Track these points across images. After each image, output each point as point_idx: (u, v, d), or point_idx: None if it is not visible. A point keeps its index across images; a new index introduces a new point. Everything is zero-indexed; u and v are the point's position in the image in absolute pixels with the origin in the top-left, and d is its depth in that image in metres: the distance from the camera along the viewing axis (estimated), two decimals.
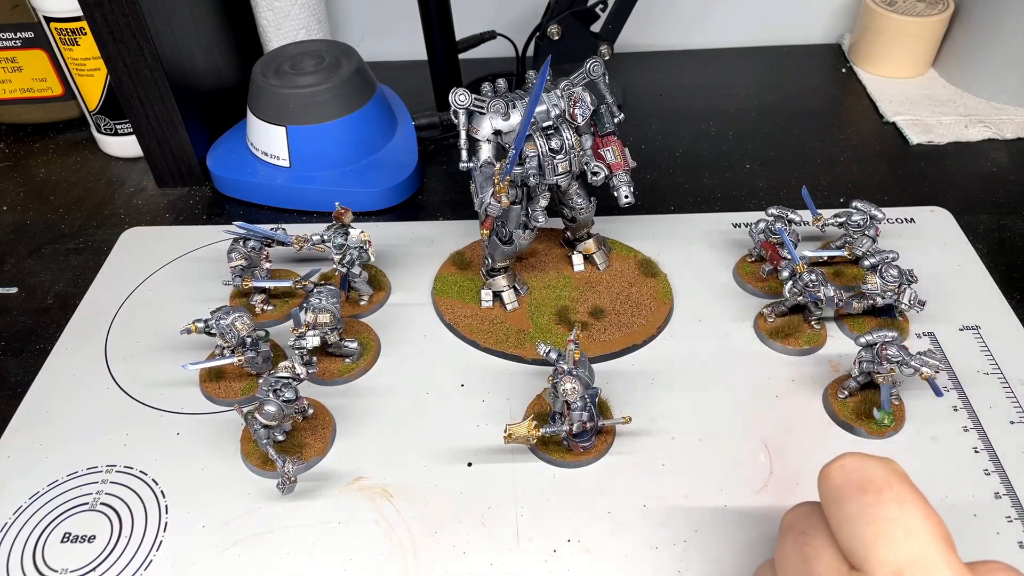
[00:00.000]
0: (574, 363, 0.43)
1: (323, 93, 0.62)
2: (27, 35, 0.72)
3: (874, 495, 0.28)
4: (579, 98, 0.47)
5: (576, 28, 0.67)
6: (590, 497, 0.43)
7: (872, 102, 0.77)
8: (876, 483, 0.29)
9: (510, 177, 0.46)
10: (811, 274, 0.48)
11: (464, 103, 0.47)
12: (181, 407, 0.49)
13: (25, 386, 0.51)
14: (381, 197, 0.64)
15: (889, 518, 0.28)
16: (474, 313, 0.53)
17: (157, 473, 0.45)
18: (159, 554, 0.41)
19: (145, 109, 0.64)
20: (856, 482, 0.29)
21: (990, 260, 0.57)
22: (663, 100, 0.79)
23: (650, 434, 0.46)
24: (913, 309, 0.48)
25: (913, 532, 0.27)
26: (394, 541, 0.41)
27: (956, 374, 0.48)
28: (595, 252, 0.56)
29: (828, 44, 0.87)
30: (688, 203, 0.65)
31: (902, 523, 0.27)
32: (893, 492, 0.28)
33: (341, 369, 0.50)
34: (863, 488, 0.28)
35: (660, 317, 0.52)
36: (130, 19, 0.59)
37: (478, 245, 0.59)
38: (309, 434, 0.46)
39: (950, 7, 0.76)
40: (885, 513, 0.28)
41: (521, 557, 0.40)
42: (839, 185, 0.66)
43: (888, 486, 0.28)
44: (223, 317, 0.47)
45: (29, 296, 0.59)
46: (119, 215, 0.67)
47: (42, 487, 0.45)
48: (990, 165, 0.68)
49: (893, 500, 0.28)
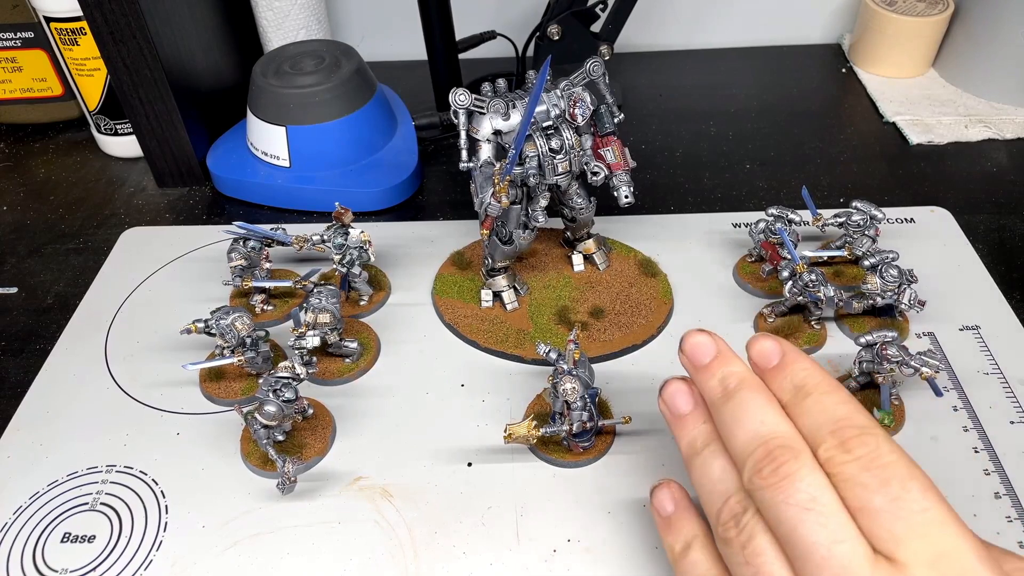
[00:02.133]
0: (574, 363, 0.43)
1: (323, 93, 0.62)
2: (27, 35, 0.72)
3: (899, 486, 0.28)
4: (579, 98, 0.47)
5: (576, 28, 0.67)
6: (590, 497, 0.43)
7: (872, 102, 0.77)
8: (900, 475, 0.28)
9: (510, 177, 0.46)
10: (811, 274, 0.48)
11: (464, 103, 0.47)
12: (181, 407, 0.49)
13: (25, 386, 0.51)
14: (381, 197, 0.64)
15: (918, 510, 0.28)
16: (474, 313, 0.53)
17: (157, 473, 0.45)
18: (159, 554, 0.41)
19: (145, 109, 0.64)
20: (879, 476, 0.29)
21: (990, 260, 0.57)
22: (663, 100, 0.79)
23: (650, 434, 0.46)
24: (913, 309, 0.48)
25: (945, 523, 0.27)
26: (394, 541, 0.41)
27: (956, 374, 0.48)
28: (595, 252, 0.56)
29: (828, 44, 0.87)
30: (688, 203, 0.65)
31: (932, 515, 0.28)
32: (917, 483, 0.28)
33: (341, 369, 0.50)
34: (887, 481, 0.28)
35: (660, 317, 0.52)
36: (130, 19, 0.59)
37: (478, 245, 0.59)
38: (309, 434, 0.46)
39: (950, 7, 0.76)
40: (912, 506, 0.28)
41: (521, 557, 0.40)
42: (839, 185, 0.66)
43: (912, 477, 0.28)
44: (223, 317, 0.47)
45: (29, 296, 0.59)
46: (119, 215, 0.67)
47: (42, 487, 0.45)
48: (990, 165, 0.68)
49: (918, 490, 0.28)
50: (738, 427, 0.32)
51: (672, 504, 0.36)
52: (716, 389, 0.34)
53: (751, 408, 0.32)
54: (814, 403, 0.31)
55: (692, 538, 0.35)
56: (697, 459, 0.34)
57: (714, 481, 0.33)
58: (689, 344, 0.35)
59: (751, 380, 0.33)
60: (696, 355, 0.35)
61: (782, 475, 0.29)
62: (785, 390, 0.33)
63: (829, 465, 0.30)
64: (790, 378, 0.33)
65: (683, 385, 0.36)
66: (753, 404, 0.32)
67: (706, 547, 0.34)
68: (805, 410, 0.32)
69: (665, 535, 0.36)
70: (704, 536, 0.35)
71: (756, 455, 0.31)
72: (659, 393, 0.37)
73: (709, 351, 0.35)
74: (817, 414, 0.31)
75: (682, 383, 0.36)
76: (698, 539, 0.34)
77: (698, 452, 0.34)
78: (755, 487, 0.30)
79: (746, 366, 0.34)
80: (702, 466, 0.34)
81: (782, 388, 0.33)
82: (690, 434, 0.35)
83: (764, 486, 0.30)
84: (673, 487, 0.37)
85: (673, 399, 0.36)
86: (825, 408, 0.31)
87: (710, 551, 0.34)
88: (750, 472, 0.31)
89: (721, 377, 0.34)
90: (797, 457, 0.30)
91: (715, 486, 0.33)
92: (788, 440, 0.31)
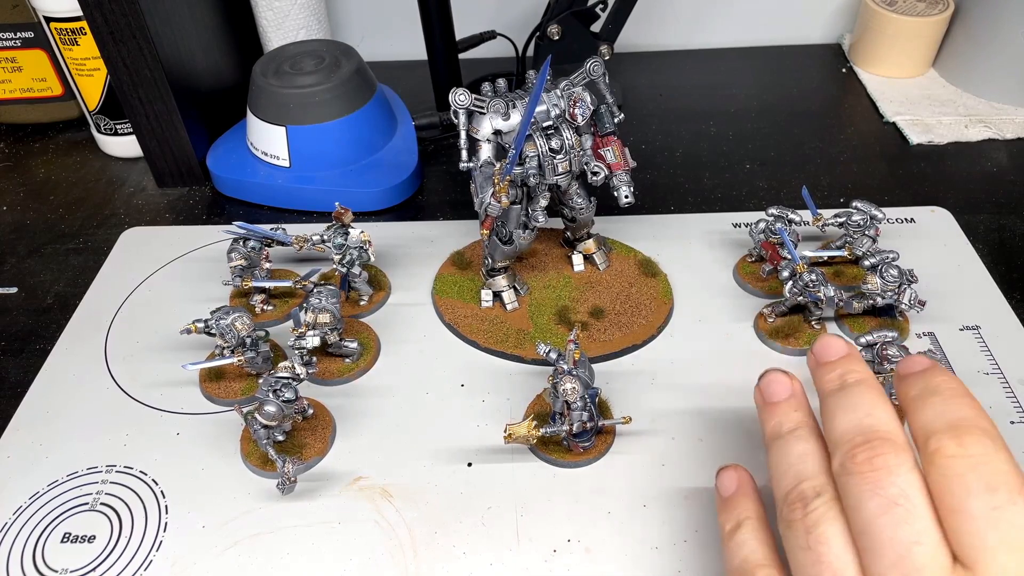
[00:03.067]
0: (574, 363, 0.43)
1: (323, 93, 0.62)
2: (27, 35, 0.72)
3: (1006, 496, 0.26)
4: (579, 98, 0.47)
5: (576, 28, 0.67)
6: (590, 497, 0.43)
7: (872, 102, 0.77)
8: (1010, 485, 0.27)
9: (510, 177, 0.46)
10: (811, 274, 0.48)
11: (464, 103, 0.47)
12: (181, 407, 0.49)
13: (25, 386, 0.51)
14: (381, 197, 0.64)
15: (1017, 525, 0.26)
16: (474, 313, 0.53)
17: (157, 473, 0.45)
18: (159, 554, 0.41)
19: (145, 109, 0.64)
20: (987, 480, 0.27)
21: (990, 260, 0.57)
22: (663, 100, 0.79)
23: (650, 434, 0.46)
24: (913, 309, 0.48)
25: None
26: (394, 541, 0.41)
27: (956, 374, 0.48)
28: (595, 252, 0.56)
29: (828, 44, 0.87)
30: (688, 203, 0.65)
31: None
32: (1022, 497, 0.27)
33: (341, 369, 0.50)
34: (994, 488, 0.27)
35: (660, 317, 0.52)
36: (130, 19, 0.59)
37: (478, 245, 0.59)
38: (309, 434, 0.46)
39: (950, 7, 0.76)
40: (1013, 519, 0.26)
41: (521, 557, 0.40)
42: (839, 185, 0.66)
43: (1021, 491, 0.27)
44: (223, 317, 0.47)
45: (29, 296, 0.59)
46: (119, 215, 0.67)
47: (42, 487, 0.45)
48: (990, 165, 0.68)
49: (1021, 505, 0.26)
50: (843, 414, 0.31)
51: (735, 485, 0.36)
52: (834, 381, 0.33)
53: (863, 400, 0.31)
54: (941, 401, 0.30)
55: (745, 519, 0.34)
56: (779, 441, 0.33)
57: (790, 463, 0.32)
58: (820, 343, 0.35)
59: (871, 379, 0.32)
60: (825, 352, 0.34)
61: (877, 465, 0.28)
62: (916, 388, 0.31)
63: (937, 456, 0.28)
64: (927, 383, 0.31)
65: (783, 376, 0.35)
66: (866, 397, 0.31)
67: (757, 529, 0.33)
68: (929, 405, 0.30)
69: (720, 514, 0.35)
70: (757, 519, 0.34)
71: (854, 440, 0.29)
72: (757, 382, 0.36)
73: (840, 350, 0.34)
74: (940, 410, 0.29)
75: (783, 374, 0.36)
76: (750, 520, 0.34)
77: (781, 435, 0.33)
78: (845, 471, 0.29)
79: (869, 369, 0.33)
80: (782, 447, 0.33)
81: (914, 386, 0.31)
82: (778, 418, 0.34)
83: (855, 471, 0.28)
84: (740, 470, 0.37)
85: (769, 386, 0.35)
86: (950, 407, 0.29)
87: (760, 533, 0.33)
88: (843, 455, 0.29)
89: (843, 371, 0.33)
90: (898, 453, 0.28)
91: (790, 467, 0.32)
92: (893, 435, 0.29)
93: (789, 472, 0.32)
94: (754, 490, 0.36)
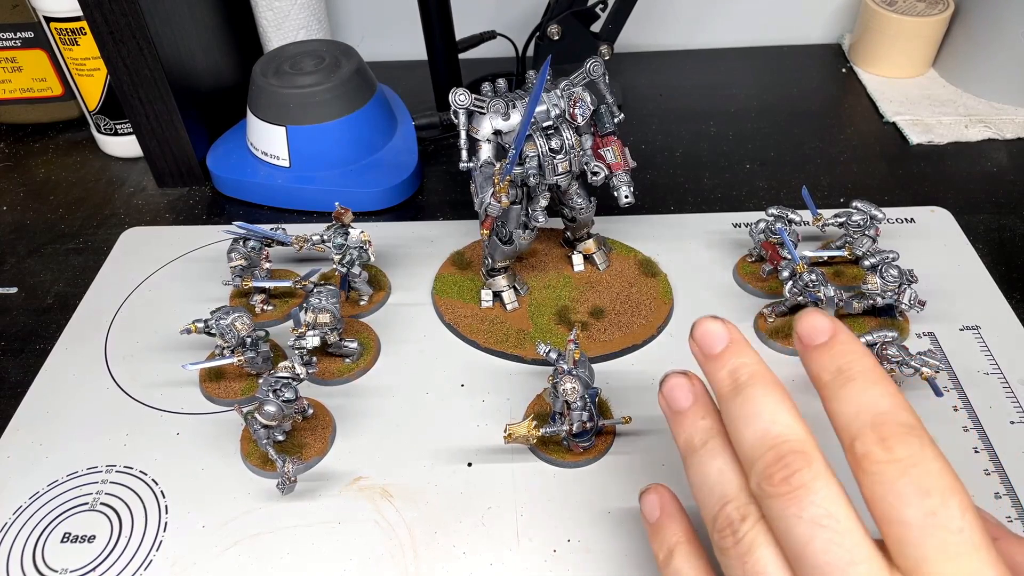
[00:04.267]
0: (574, 363, 0.43)
1: (323, 93, 0.62)
2: (27, 35, 0.72)
3: (939, 499, 0.26)
4: (579, 98, 0.47)
5: (576, 28, 0.67)
6: (590, 497, 0.43)
7: (872, 102, 0.77)
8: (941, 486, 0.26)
9: (510, 177, 0.46)
10: (811, 274, 0.48)
11: (464, 103, 0.47)
12: (181, 407, 0.49)
13: (25, 386, 0.51)
14: (381, 197, 0.64)
15: (952, 530, 0.25)
16: (474, 313, 0.53)
17: (157, 473, 0.45)
18: (159, 554, 0.41)
19: (145, 109, 0.64)
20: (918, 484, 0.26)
21: (990, 260, 0.57)
22: (663, 100, 0.79)
23: (650, 434, 0.46)
24: (913, 309, 0.48)
25: (979, 549, 0.25)
26: (394, 541, 0.41)
27: (956, 374, 0.48)
28: (595, 252, 0.56)
29: (828, 44, 0.87)
30: (688, 203, 0.65)
31: (967, 536, 0.25)
32: (958, 499, 0.26)
33: (341, 369, 0.50)
34: (927, 492, 0.26)
35: (660, 317, 0.52)
36: (130, 19, 0.59)
37: (478, 245, 0.59)
38: (309, 434, 0.46)
39: (950, 7, 0.76)
40: (948, 524, 0.25)
41: (521, 557, 0.40)
42: (839, 185, 0.66)
43: (954, 491, 0.26)
44: (223, 317, 0.47)
45: (29, 296, 0.59)
46: (119, 215, 0.67)
47: (42, 487, 0.45)
48: (990, 165, 0.68)
49: (957, 507, 0.26)
50: (747, 425, 0.29)
51: (658, 510, 0.35)
52: (725, 381, 0.31)
53: (763, 405, 0.29)
54: (856, 390, 0.28)
55: (674, 545, 0.33)
56: (694, 458, 0.32)
57: (711, 483, 0.31)
58: (700, 331, 0.32)
59: (764, 374, 0.30)
60: (707, 343, 0.32)
61: (795, 485, 0.27)
62: (826, 370, 0.29)
63: (864, 462, 0.27)
64: (835, 359, 0.29)
65: (683, 379, 0.33)
66: (765, 401, 0.29)
67: (689, 555, 0.33)
68: (844, 396, 0.28)
69: (651, 541, 0.35)
70: (687, 543, 0.33)
71: (766, 459, 0.28)
72: (659, 388, 0.34)
73: (721, 339, 0.31)
74: (858, 403, 0.28)
75: (682, 377, 0.34)
76: (680, 546, 0.33)
77: (695, 450, 0.32)
78: (764, 494, 0.28)
79: (760, 359, 0.31)
80: (698, 466, 0.31)
81: (824, 368, 0.30)
82: (688, 431, 0.33)
83: (774, 495, 0.27)
84: (661, 491, 0.35)
85: (672, 393, 0.33)
86: (868, 398, 0.28)
87: (693, 559, 0.32)
88: (759, 477, 0.28)
89: (732, 368, 0.31)
90: (811, 464, 0.28)
91: (712, 488, 0.31)
92: (801, 444, 0.28)
93: (712, 494, 0.31)
94: (679, 510, 0.35)
